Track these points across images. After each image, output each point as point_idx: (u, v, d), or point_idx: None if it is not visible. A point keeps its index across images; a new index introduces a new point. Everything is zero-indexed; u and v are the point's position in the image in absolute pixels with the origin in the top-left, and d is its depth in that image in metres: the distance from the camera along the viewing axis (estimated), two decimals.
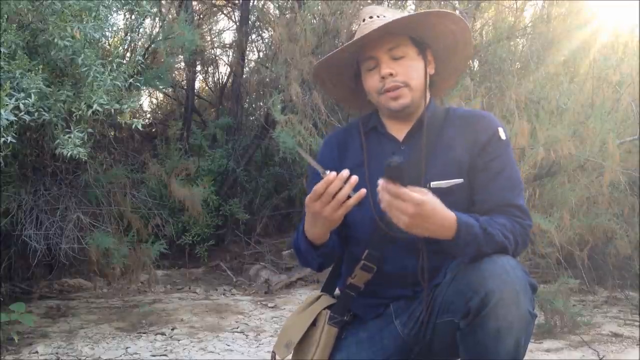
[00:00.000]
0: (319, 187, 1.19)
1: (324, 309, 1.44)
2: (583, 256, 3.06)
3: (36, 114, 2.21)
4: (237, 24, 5.30)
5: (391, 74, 1.37)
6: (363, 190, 1.19)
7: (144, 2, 2.81)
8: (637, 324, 3.03)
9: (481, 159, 1.36)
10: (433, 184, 1.36)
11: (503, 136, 1.38)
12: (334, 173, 1.18)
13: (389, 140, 1.46)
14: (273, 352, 1.43)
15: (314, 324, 1.42)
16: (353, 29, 3.83)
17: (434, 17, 1.38)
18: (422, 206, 1.12)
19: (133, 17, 3.08)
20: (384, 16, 1.40)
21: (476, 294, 1.16)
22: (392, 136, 1.45)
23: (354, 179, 1.19)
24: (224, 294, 3.80)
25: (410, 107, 1.41)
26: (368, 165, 1.43)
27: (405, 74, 1.38)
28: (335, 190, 1.18)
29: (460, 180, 1.36)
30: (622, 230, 3.21)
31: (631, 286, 3.55)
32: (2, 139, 2.11)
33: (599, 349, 2.62)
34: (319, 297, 1.49)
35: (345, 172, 1.19)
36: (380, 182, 1.14)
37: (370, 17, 1.41)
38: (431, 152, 1.39)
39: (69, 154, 2.32)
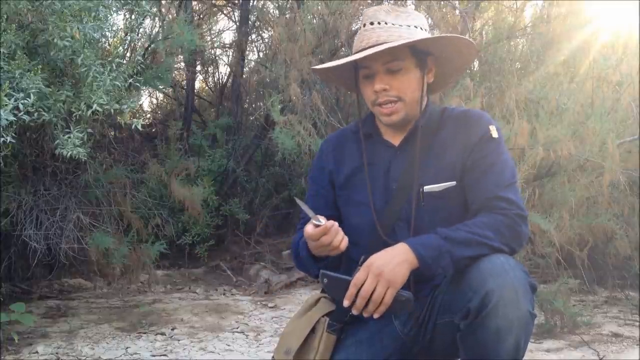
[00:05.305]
0: (314, 234, 1.24)
1: (323, 315, 1.42)
2: (583, 256, 3.05)
3: (36, 114, 2.21)
4: (237, 24, 5.29)
5: (385, 89, 1.36)
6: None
7: (144, 2, 2.81)
8: (637, 324, 3.03)
9: (471, 159, 1.36)
10: (426, 188, 1.37)
11: (495, 134, 1.38)
12: (324, 224, 1.23)
13: (385, 147, 1.46)
14: (273, 357, 1.43)
15: (312, 331, 1.41)
16: (354, 29, 3.83)
17: (442, 39, 1.40)
18: (372, 264, 1.20)
19: (133, 17, 3.08)
20: (385, 22, 1.36)
21: (476, 294, 1.16)
22: (388, 142, 1.46)
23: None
24: (224, 294, 3.79)
25: (404, 120, 1.40)
26: (366, 169, 1.44)
27: (399, 89, 1.36)
28: (329, 241, 1.24)
29: (452, 183, 1.37)
30: (622, 230, 3.20)
31: (631, 286, 3.55)
32: (2, 139, 2.11)
33: (599, 349, 2.62)
34: (318, 300, 1.48)
35: (329, 225, 1.24)
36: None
37: (372, 24, 1.37)
38: (425, 156, 1.39)
39: (68, 154, 2.32)
